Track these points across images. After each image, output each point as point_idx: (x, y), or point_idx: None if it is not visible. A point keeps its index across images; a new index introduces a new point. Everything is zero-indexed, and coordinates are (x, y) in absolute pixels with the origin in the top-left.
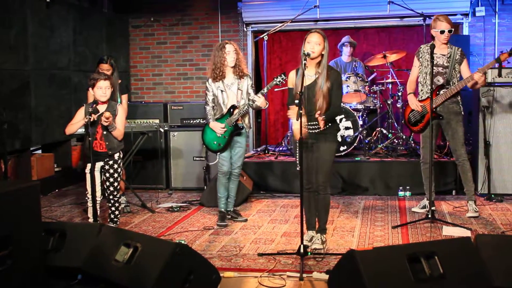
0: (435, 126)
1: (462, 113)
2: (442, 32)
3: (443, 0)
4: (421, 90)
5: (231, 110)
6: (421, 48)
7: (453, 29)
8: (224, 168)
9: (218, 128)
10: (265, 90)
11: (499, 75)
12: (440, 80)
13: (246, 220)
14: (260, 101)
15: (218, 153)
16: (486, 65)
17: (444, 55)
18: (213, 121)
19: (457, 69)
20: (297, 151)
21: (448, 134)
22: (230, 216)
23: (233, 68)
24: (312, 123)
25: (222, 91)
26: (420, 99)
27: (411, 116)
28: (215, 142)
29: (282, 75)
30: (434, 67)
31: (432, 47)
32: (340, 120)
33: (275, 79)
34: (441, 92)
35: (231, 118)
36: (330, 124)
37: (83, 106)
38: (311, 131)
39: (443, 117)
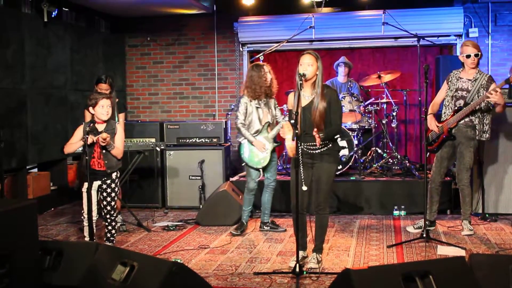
0: (450, 147)
1: (477, 138)
2: (468, 56)
3: (438, 22)
4: (444, 113)
5: (267, 126)
6: (452, 73)
7: (480, 53)
8: (252, 185)
9: (261, 145)
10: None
11: (510, 96)
12: (461, 103)
13: (285, 230)
14: None
15: (260, 170)
16: (498, 84)
17: (470, 80)
18: (257, 138)
19: (481, 94)
20: (299, 171)
21: (457, 156)
22: (269, 228)
23: (272, 88)
24: (310, 143)
25: (257, 107)
26: (441, 120)
27: (430, 136)
28: (256, 160)
29: None
30: (458, 91)
31: (426, 68)
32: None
33: None
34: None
35: (269, 135)
36: (330, 145)
37: (82, 125)
38: (310, 151)
39: (454, 137)
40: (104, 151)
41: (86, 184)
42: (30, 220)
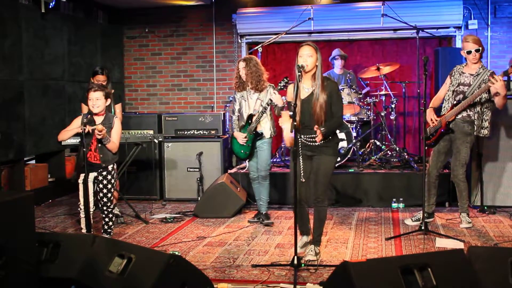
0: (447, 142)
1: (474, 134)
2: (469, 52)
3: (437, 13)
4: (444, 107)
5: (250, 119)
6: (455, 67)
7: (481, 48)
8: (251, 174)
9: (240, 137)
10: (276, 90)
11: (508, 88)
12: (460, 97)
13: (272, 224)
14: (275, 97)
15: (247, 161)
16: (497, 76)
17: (472, 74)
18: (236, 131)
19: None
20: (298, 162)
21: (453, 151)
22: (261, 219)
23: (249, 82)
24: (310, 135)
25: (244, 100)
26: (440, 114)
27: (428, 130)
28: (242, 151)
29: (285, 79)
30: (460, 86)
31: (425, 59)
32: None
33: (279, 84)
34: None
35: (250, 126)
36: (330, 137)
37: (81, 115)
38: (309, 144)
39: (453, 131)
40: (100, 144)
41: (82, 176)
42: (27, 212)
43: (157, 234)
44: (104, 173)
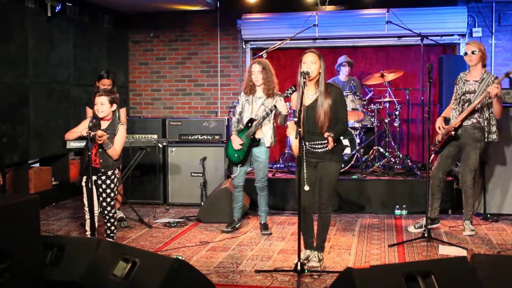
0: (455, 147)
1: (485, 140)
2: (465, 54)
3: (441, 21)
4: (452, 116)
5: (249, 123)
6: (459, 76)
7: (477, 50)
8: (234, 181)
9: (236, 142)
10: (282, 98)
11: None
12: (467, 105)
13: (270, 234)
14: (280, 104)
15: (238, 166)
16: (498, 79)
17: (476, 81)
18: (234, 134)
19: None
20: (302, 170)
21: (462, 157)
22: (260, 229)
23: (261, 86)
24: (314, 142)
25: (248, 104)
26: (449, 123)
27: (436, 138)
28: (236, 155)
29: (293, 87)
30: (466, 94)
31: (430, 67)
32: None
33: (286, 91)
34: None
35: (248, 131)
36: (335, 143)
37: (90, 117)
38: (314, 150)
39: (458, 137)
40: (100, 150)
41: (84, 178)
42: (31, 215)
43: (161, 238)
44: (103, 177)
